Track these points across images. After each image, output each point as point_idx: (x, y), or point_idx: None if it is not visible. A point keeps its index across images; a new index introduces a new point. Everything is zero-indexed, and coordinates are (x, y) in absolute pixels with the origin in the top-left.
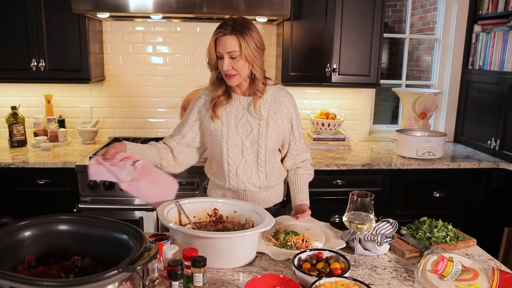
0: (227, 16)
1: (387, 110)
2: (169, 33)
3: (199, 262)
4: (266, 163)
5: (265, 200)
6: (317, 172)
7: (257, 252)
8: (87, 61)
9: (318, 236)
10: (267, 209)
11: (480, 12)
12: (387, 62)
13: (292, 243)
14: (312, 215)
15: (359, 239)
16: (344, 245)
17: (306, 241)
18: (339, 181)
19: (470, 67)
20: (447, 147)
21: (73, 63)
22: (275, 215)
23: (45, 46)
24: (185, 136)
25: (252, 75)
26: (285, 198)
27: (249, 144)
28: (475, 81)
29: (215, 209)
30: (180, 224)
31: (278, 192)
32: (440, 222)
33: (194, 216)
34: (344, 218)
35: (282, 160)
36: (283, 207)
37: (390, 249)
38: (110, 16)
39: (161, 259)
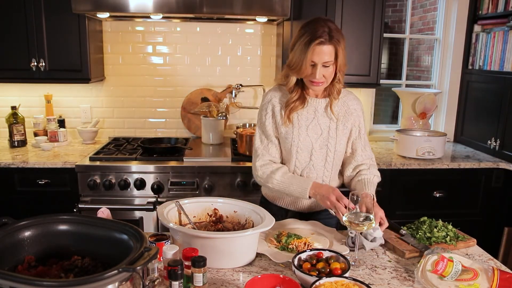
0: (227, 16)
1: (387, 110)
2: (169, 33)
3: (199, 262)
4: (332, 167)
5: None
6: None
7: (257, 253)
8: (87, 61)
9: (322, 240)
10: (321, 212)
11: (480, 12)
12: (387, 62)
13: (294, 246)
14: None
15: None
16: (348, 251)
17: (307, 245)
18: None
19: (470, 67)
20: (447, 147)
21: (73, 63)
22: (325, 220)
23: (45, 46)
24: (277, 144)
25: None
26: None
27: (318, 147)
28: (475, 81)
29: (215, 209)
30: (180, 224)
31: None
32: (440, 222)
33: (194, 216)
34: (344, 218)
35: (343, 168)
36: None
37: (389, 248)
38: (110, 16)
39: (161, 259)
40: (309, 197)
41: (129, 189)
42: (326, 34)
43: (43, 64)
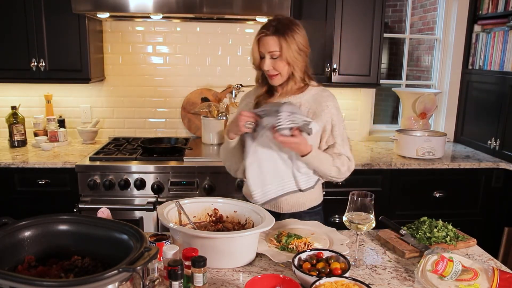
0: (227, 16)
1: (387, 110)
2: (169, 33)
3: (199, 262)
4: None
5: (300, 203)
6: None
7: (257, 253)
8: (87, 61)
9: (323, 241)
10: (304, 212)
11: (480, 12)
12: (387, 62)
13: (294, 246)
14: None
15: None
16: (348, 251)
17: (307, 245)
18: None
19: (470, 67)
20: (447, 147)
21: (73, 63)
22: (310, 219)
23: (45, 46)
24: None
25: (292, 76)
26: (321, 204)
27: None
28: (475, 81)
29: (215, 209)
30: (180, 224)
31: (315, 195)
32: (440, 222)
33: (194, 216)
34: (344, 218)
35: None
36: (320, 214)
37: (389, 248)
38: (110, 16)
39: (161, 259)
40: (231, 138)
41: (129, 189)
42: (272, 27)
43: (43, 64)
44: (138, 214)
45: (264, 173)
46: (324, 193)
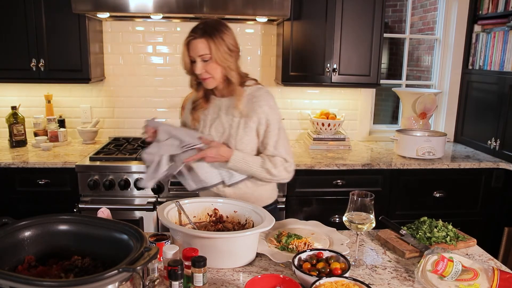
0: (227, 16)
1: (387, 110)
2: (169, 33)
3: (199, 262)
4: None
5: (250, 202)
6: (317, 172)
7: (257, 253)
8: (87, 61)
9: (323, 241)
10: None
11: (480, 12)
12: (387, 62)
13: (294, 246)
14: (312, 215)
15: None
16: (348, 251)
17: (307, 245)
18: (339, 181)
19: (470, 67)
20: (447, 147)
21: (73, 63)
22: None
23: (45, 46)
24: None
25: (228, 78)
26: (277, 203)
27: None
28: (475, 81)
29: (215, 209)
30: (180, 224)
31: (267, 194)
32: (440, 222)
33: (194, 216)
34: (344, 218)
35: None
36: (273, 213)
37: (389, 248)
38: (110, 16)
39: (161, 259)
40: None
41: (129, 189)
42: (199, 30)
43: (43, 64)
44: (138, 214)
45: (190, 170)
46: (282, 194)
